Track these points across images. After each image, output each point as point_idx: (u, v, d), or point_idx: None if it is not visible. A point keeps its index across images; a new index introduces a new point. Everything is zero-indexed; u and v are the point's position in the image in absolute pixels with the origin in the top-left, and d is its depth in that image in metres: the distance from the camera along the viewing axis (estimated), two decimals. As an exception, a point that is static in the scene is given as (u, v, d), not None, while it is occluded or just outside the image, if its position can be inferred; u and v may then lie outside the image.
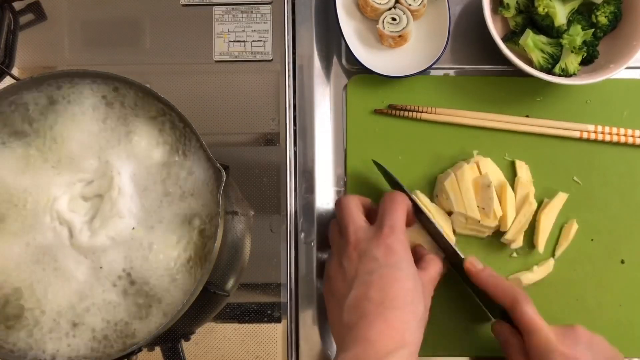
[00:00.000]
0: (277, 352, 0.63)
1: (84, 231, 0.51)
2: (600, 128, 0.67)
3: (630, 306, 0.65)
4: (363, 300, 0.52)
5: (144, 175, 0.53)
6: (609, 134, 0.67)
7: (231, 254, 0.65)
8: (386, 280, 0.52)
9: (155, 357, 0.63)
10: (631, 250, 0.66)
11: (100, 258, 0.52)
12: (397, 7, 0.66)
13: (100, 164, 0.53)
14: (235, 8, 0.69)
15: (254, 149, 0.67)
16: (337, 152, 0.68)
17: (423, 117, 0.67)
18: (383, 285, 0.52)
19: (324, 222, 0.67)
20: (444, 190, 0.64)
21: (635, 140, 0.67)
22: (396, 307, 0.51)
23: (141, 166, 0.54)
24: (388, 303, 0.51)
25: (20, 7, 0.69)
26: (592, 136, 0.67)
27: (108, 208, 0.51)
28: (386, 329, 0.50)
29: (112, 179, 0.52)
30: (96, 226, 0.51)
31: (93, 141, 0.54)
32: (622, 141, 0.67)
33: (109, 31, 0.69)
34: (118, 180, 0.51)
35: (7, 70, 0.64)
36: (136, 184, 0.53)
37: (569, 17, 0.64)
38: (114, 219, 0.51)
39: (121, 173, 0.52)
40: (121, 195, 0.51)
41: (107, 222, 0.51)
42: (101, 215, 0.51)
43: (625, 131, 0.67)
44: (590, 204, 0.67)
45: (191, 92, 0.67)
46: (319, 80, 0.69)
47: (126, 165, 0.53)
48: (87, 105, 0.55)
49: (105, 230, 0.51)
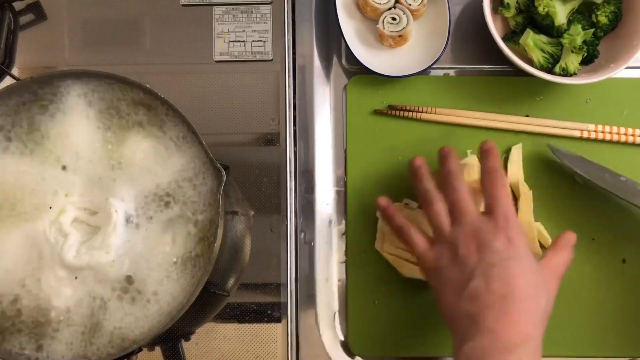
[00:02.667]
0: (277, 352, 0.63)
1: (72, 249, 0.51)
2: (601, 127, 0.67)
3: (631, 306, 0.65)
4: (485, 292, 0.51)
5: (143, 181, 0.53)
6: (609, 133, 0.67)
7: (231, 254, 0.65)
8: (508, 273, 0.52)
9: (155, 357, 0.63)
10: (632, 249, 0.66)
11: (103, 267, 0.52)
12: (397, 7, 0.66)
13: (102, 198, 0.53)
14: (235, 8, 0.69)
15: (254, 149, 0.67)
16: (337, 152, 0.68)
17: (423, 117, 0.67)
18: (505, 278, 0.51)
19: (324, 222, 0.67)
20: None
21: (636, 139, 0.67)
22: (519, 300, 0.51)
23: (142, 167, 0.54)
24: (511, 296, 0.51)
25: (20, 7, 0.69)
26: (593, 135, 0.67)
27: (99, 241, 0.51)
28: (511, 321, 0.50)
29: (111, 215, 0.52)
30: (82, 251, 0.51)
31: (94, 144, 0.54)
32: (622, 140, 0.67)
33: (109, 31, 0.69)
34: (115, 217, 0.52)
35: (7, 70, 0.64)
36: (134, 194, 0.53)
37: (569, 16, 0.64)
38: (100, 252, 0.51)
39: (118, 211, 0.52)
40: (115, 231, 0.51)
41: (92, 253, 0.51)
42: (90, 244, 0.52)
43: (625, 130, 0.67)
44: (590, 202, 0.66)
45: (191, 92, 0.67)
46: (319, 80, 0.69)
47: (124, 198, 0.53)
48: (87, 105, 0.54)
49: (87, 258, 0.51)
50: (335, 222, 0.67)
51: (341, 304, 0.66)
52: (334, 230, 0.67)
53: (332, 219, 0.67)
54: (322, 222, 0.67)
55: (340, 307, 0.66)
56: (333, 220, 0.67)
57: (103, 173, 0.53)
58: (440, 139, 0.67)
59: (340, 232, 0.67)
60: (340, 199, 0.67)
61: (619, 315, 0.65)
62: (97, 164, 0.54)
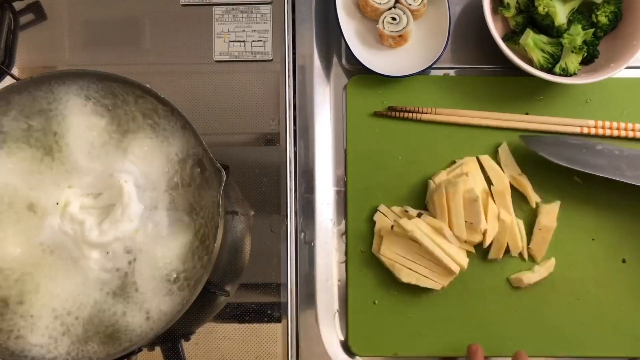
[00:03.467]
0: (277, 352, 0.63)
1: (94, 230, 0.52)
2: (601, 123, 0.67)
3: (632, 305, 0.65)
4: None
5: (146, 179, 0.54)
6: (609, 129, 0.67)
7: (231, 254, 0.65)
8: None
9: (155, 357, 0.63)
10: (632, 249, 0.66)
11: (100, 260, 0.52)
12: (397, 7, 0.66)
13: (105, 176, 0.53)
14: (235, 8, 0.69)
15: (254, 149, 0.67)
16: (337, 152, 0.68)
17: (423, 117, 0.67)
18: None
19: (324, 222, 0.66)
20: (434, 202, 0.64)
21: (636, 134, 0.67)
22: None
23: (143, 169, 0.54)
24: None
25: (20, 7, 0.69)
26: (593, 131, 0.67)
27: (119, 213, 0.52)
28: None
29: (122, 188, 0.53)
30: (105, 228, 0.52)
31: (95, 143, 0.54)
32: (622, 135, 0.67)
33: (109, 31, 0.69)
34: (127, 187, 0.53)
35: (7, 70, 0.64)
36: (139, 189, 0.53)
37: (569, 16, 0.64)
38: (123, 222, 0.52)
39: (128, 181, 0.53)
40: (131, 200, 0.52)
41: (117, 225, 0.52)
42: (112, 219, 0.52)
43: (625, 125, 0.67)
44: (590, 202, 0.66)
45: (191, 92, 0.67)
46: (319, 80, 0.69)
47: (130, 171, 0.53)
48: (88, 105, 0.54)
49: (113, 232, 0.52)
50: (335, 222, 0.67)
51: (341, 304, 0.66)
52: (334, 230, 0.67)
53: (332, 219, 0.67)
54: (322, 222, 0.67)
55: (340, 307, 0.66)
56: (333, 220, 0.67)
57: (105, 168, 0.54)
58: (440, 139, 0.67)
59: (340, 232, 0.67)
60: (340, 199, 0.67)
61: (619, 315, 0.65)
62: (98, 161, 0.54)
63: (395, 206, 0.66)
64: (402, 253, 0.63)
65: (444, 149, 0.67)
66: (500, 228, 0.64)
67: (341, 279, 0.66)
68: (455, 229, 0.62)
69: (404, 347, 0.65)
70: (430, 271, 0.63)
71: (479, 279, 0.65)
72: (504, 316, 0.65)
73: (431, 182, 0.65)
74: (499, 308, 0.65)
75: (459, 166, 0.65)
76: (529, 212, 0.66)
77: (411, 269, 0.63)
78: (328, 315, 0.66)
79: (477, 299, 0.65)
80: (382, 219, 0.65)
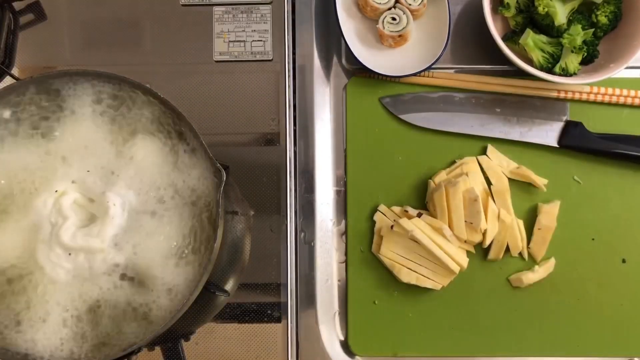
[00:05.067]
0: (277, 352, 0.63)
1: (69, 232, 0.52)
2: (596, 89, 0.67)
3: (632, 305, 0.65)
4: None
5: (145, 180, 0.54)
6: (601, 94, 0.67)
7: (231, 254, 0.65)
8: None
9: (155, 357, 0.63)
10: (632, 249, 0.66)
11: (97, 256, 0.52)
12: (397, 6, 0.66)
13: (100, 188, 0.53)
14: (235, 8, 0.69)
15: (254, 149, 0.67)
16: (337, 152, 0.68)
17: (420, 81, 0.67)
18: None
19: (324, 222, 0.67)
20: (434, 201, 0.64)
21: (635, 101, 0.67)
22: None
23: (142, 167, 0.54)
24: None
25: (20, 7, 0.69)
26: (584, 97, 0.67)
27: (96, 230, 0.52)
28: None
29: (108, 209, 0.52)
30: (78, 235, 0.52)
31: (95, 143, 0.54)
32: (621, 102, 0.67)
33: (109, 31, 0.69)
34: (112, 211, 0.52)
35: (7, 70, 0.64)
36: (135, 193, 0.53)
37: (569, 16, 0.64)
38: (94, 240, 0.52)
39: (116, 205, 0.52)
40: (111, 225, 0.52)
41: (88, 239, 0.52)
42: (87, 231, 0.52)
43: (620, 91, 0.67)
44: (590, 202, 0.66)
45: (191, 92, 0.67)
46: (319, 80, 0.69)
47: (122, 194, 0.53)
48: (88, 105, 0.55)
49: (82, 243, 0.52)
50: (335, 222, 0.67)
51: (341, 304, 0.66)
52: (334, 230, 0.67)
53: (332, 218, 0.67)
54: (322, 222, 0.67)
55: (340, 307, 0.66)
56: (333, 220, 0.67)
57: (105, 167, 0.54)
58: (440, 139, 0.67)
59: (340, 232, 0.67)
60: (340, 199, 0.67)
61: (619, 315, 0.65)
62: (99, 158, 0.54)
63: (395, 206, 0.66)
64: (402, 253, 0.63)
65: (444, 149, 0.67)
66: (500, 228, 0.64)
67: (341, 279, 0.66)
68: (455, 229, 0.62)
69: (403, 347, 0.65)
70: (430, 271, 0.63)
71: (479, 279, 0.65)
72: (503, 316, 0.65)
73: (431, 182, 0.65)
74: (499, 308, 0.65)
75: (459, 166, 0.66)
76: (529, 212, 0.66)
77: (411, 269, 0.63)
78: (328, 315, 0.66)
79: (477, 299, 0.65)
80: (382, 218, 0.65)
